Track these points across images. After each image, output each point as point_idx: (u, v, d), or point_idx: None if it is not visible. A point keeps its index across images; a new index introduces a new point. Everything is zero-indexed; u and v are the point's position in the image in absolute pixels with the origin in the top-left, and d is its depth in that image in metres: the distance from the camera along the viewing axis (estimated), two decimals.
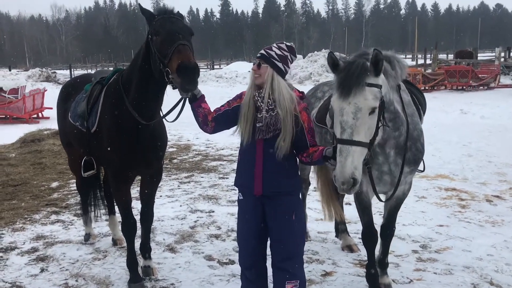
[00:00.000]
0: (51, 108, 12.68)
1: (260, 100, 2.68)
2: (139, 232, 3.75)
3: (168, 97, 3.33)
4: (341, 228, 4.31)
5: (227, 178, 6.70)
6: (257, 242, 2.81)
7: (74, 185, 5.27)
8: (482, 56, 34.51)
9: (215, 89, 23.07)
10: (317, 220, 4.94)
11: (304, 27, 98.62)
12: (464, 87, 18.45)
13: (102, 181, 4.51)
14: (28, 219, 5.15)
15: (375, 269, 3.34)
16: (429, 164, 6.79)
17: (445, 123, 11.34)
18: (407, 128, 2.94)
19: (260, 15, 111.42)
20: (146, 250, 3.76)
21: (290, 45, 2.78)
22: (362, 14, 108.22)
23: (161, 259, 4.03)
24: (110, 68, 4.30)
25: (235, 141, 8.44)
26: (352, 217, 4.71)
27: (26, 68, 46.51)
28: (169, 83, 2.85)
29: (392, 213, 3.37)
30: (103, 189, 4.53)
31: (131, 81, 3.28)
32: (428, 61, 28.69)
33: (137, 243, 3.76)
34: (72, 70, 37.40)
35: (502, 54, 24.29)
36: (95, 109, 3.53)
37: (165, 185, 6.35)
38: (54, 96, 5.19)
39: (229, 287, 3.53)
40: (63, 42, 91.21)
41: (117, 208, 3.96)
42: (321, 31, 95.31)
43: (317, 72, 23.98)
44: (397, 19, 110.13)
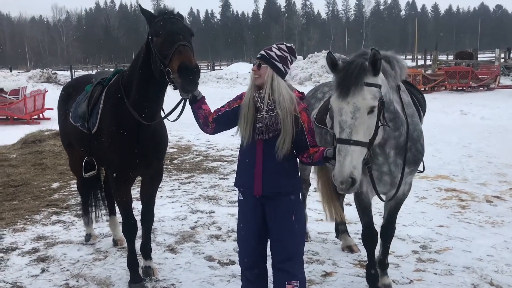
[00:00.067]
0: (51, 109, 12.70)
1: (260, 100, 2.69)
2: (139, 232, 3.75)
3: (169, 98, 3.34)
4: (341, 229, 4.31)
5: (227, 178, 6.71)
6: (257, 242, 2.81)
7: (75, 186, 5.28)
8: (482, 57, 34.49)
9: (216, 90, 23.09)
10: (317, 221, 4.95)
11: (304, 28, 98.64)
12: (464, 88, 18.45)
13: (102, 182, 4.52)
14: (29, 219, 5.16)
15: (375, 270, 3.34)
16: (429, 165, 6.80)
17: (445, 124, 11.34)
18: (407, 128, 2.94)
19: (261, 16, 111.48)
20: (146, 251, 3.77)
21: (290, 46, 2.78)
22: (362, 15, 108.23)
23: (161, 260, 4.04)
24: (111, 69, 4.31)
25: (235, 141, 8.45)
26: (352, 218, 4.71)
27: (27, 69, 46.55)
28: (170, 83, 2.85)
29: (392, 213, 3.37)
30: (103, 190, 4.53)
31: (132, 82, 3.29)
32: (428, 62, 28.69)
33: (138, 243, 3.77)
34: (73, 71, 37.42)
35: (502, 55, 24.29)
36: (95, 110, 3.54)
37: (165, 185, 6.35)
38: (55, 97, 5.21)
39: (230, 287, 3.54)
40: (64, 43, 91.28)
41: (117, 208, 3.97)
42: (321, 32, 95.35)
43: (317, 73, 23.99)
44: (397, 20, 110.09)
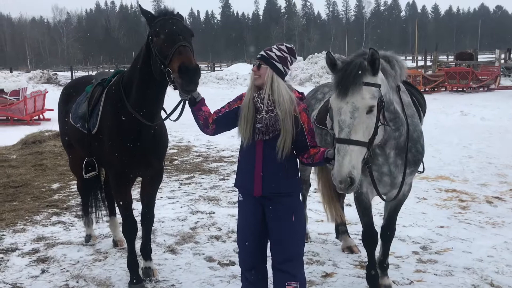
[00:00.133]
0: (52, 110, 12.71)
1: (260, 101, 2.69)
2: (139, 233, 3.76)
3: (169, 98, 3.34)
4: (341, 230, 4.31)
5: (227, 179, 6.71)
6: (257, 243, 2.81)
7: (75, 187, 5.28)
8: (482, 57, 34.48)
9: (216, 91, 23.10)
10: (318, 222, 4.95)
11: (305, 29, 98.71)
12: (464, 89, 18.45)
13: (103, 183, 4.52)
14: (29, 220, 5.16)
15: (376, 270, 3.34)
16: (430, 166, 6.80)
17: (446, 124, 11.34)
18: (407, 129, 2.94)
19: (261, 17, 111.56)
20: (146, 251, 3.77)
21: (290, 46, 2.78)
22: (362, 16, 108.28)
23: (161, 260, 4.04)
24: (111, 70, 4.31)
25: (235, 142, 8.45)
26: (352, 219, 4.71)
27: (27, 70, 46.57)
28: (171, 82, 2.84)
29: (392, 214, 3.37)
30: (104, 191, 4.53)
31: (132, 83, 3.29)
32: (428, 63, 28.69)
33: (138, 244, 3.77)
34: (73, 72, 37.42)
35: (502, 56, 24.30)
36: (96, 111, 3.54)
37: (165, 186, 6.35)
38: (55, 97, 5.21)
39: None
40: (64, 44, 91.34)
41: (117, 209, 3.97)
42: (321, 33, 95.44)
43: (318, 74, 23.99)
44: (398, 21, 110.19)
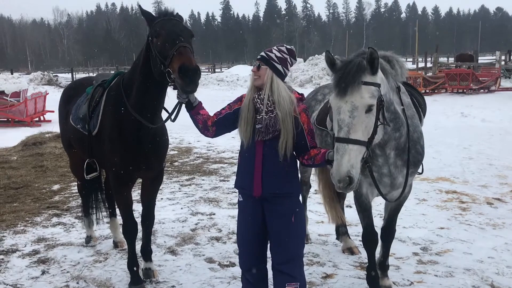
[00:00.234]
0: (52, 111, 12.73)
1: (260, 101, 2.69)
2: (140, 234, 3.76)
3: (169, 99, 3.34)
4: (341, 231, 4.31)
5: (228, 180, 6.71)
6: (257, 244, 2.81)
7: (76, 188, 5.28)
8: (483, 59, 34.50)
9: (217, 92, 23.13)
10: (318, 223, 4.95)
11: (305, 30, 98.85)
12: (464, 90, 18.45)
13: (103, 184, 4.52)
14: (30, 221, 5.16)
15: (376, 271, 3.34)
16: (430, 167, 6.81)
17: (446, 126, 11.35)
18: (407, 130, 2.95)
19: (261, 19, 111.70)
20: (147, 253, 3.77)
21: (291, 48, 2.78)
22: (363, 17, 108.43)
23: (162, 262, 4.04)
24: (112, 72, 4.33)
25: (236, 143, 8.45)
26: (352, 220, 4.71)
27: (28, 72, 46.72)
28: (171, 82, 2.84)
29: (392, 215, 3.37)
30: (104, 192, 4.54)
31: (132, 84, 3.29)
32: (429, 65, 28.69)
33: (138, 245, 3.77)
34: (74, 73, 37.46)
35: (503, 57, 24.32)
36: (96, 112, 3.54)
37: (166, 187, 6.36)
38: (56, 99, 5.23)
39: None
40: (65, 46, 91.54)
41: (118, 210, 3.97)
42: (322, 35, 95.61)
43: (318, 76, 24.01)
44: (398, 22, 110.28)
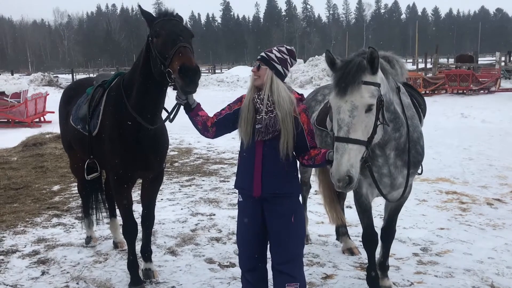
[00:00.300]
0: (53, 112, 12.73)
1: (259, 102, 2.69)
2: (140, 235, 3.76)
3: (169, 99, 3.35)
4: (341, 231, 4.31)
5: (228, 181, 6.71)
6: (257, 244, 2.81)
7: (76, 189, 5.28)
8: (483, 60, 34.50)
9: (217, 93, 23.15)
10: (318, 223, 4.95)
11: (305, 31, 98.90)
12: (464, 91, 18.46)
13: (103, 184, 4.53)
14: (30, 222, 5.16)
15: (376, 272, 3.34)
16: (430, 168, 6.81)
17: (446, 126, 11.35)
18: (407, 130, 2.95)
19: (261, 20, 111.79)
20: (147, 253, 3.77)
21: (291, 48, 2.78)
22: (363, 18, 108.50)
23: (162, 262, 4.04)
24: (112, 72, 4.33)
25: (236, 144, 8.45)
26: (352, 220, 4.71)
27: (28, 73, 46.76)
28: (171, 82, 2.84)
29: (392, 215, 3.37)
30: (104, 192, 4.54)
31: (133, 84, 3.29)
32: (429, 65, 28.69)
33: (138, 246, 3.77)
34: (74, 74, 37.47)
35: (503, 58, 24.32)
36: (96, 113, 3.55)
37: (166, 188, 6.36)
38: (56, 100, 5.23)
39: None
40: (65, 47, 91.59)
41: (118, 211, 3.97)
42: (322, 36, 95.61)
43: (318, 76, 24.02)
44: (398, 23, 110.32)
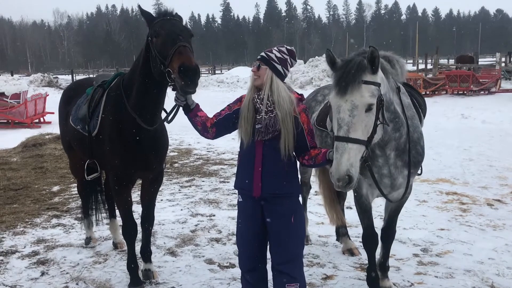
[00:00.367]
0: (52, 113, 12.73)
1: (259, 101, 2.69)
2: (139, 235, 3.75)
3: (169, 99, 3.34)
4: (342, 232, 4.30)
5: (228, 182, 6.70)
6: (256, 244, 2.80)
7: (75, 189, 5.27)
8: (483, 61, 34.53)
9: (217, 94, 23.16)
10: (318, 224, 4.94)
11: (305, 32, 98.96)
12: (465, 92, 18.46)
13: (103, 185, 4.52)
14: (29, 222, 5.15)
15: (376, 272, 3.33)
16: (430, 168, 6.81)
17: (446, 127, 11.35)
18: (407, 130, 2.94)
19: (261, 21, 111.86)
20: (146, 254, 3.76)
21: (291, 49, 2.78)
22: (363, 19, 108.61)
23: (161, 263, 4.03)
24: (112, 73, 4.31)
25: (236, 145, 8.43)
26: (353, 221, 4.70)
27: (28, 73, 46.81)
28: (171, 82, 2.83)
29: (392, 216, 3.37)
30: (104, 193, 4.53)
31: (132, 84, 3.29)
32: (429, 66, 28.71)
33: (138, 246, 3.77)
34: (74, 75, 37.48)
35: (503, 59, 24.33)
36: (96, 113, 3.54)
37: (166, 189, 6.35)
38: (56, 101, 5.22)
39: None
40: (65, 48, 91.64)
41: (117, 211, 3.97)
42: (322, 37, 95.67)
43: (318, 77, 24.03)
44: (398, 24, 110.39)
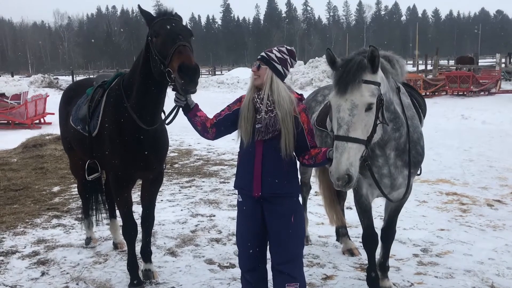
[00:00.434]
0: (53, 114, 12.73)
1: (259, 101, 2.69)
2: (139, 236, 3.75)
3: (169, 99, 3.34)
4: (342, 232, 4.31)
5: (228, 182, 6.70)
6: (256, 244, 2.80)
7: (76, 190, 5.28)
8: (483, 62, 34.55)
9: (217, 95, 23.17)
10: (318, 224, 4.94)
11: (305, 33, 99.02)
12: (465, 93, 18.47)
13: (103, 185, 4.52)
14: (29, 223, 5.16)
15: (376, 273, 3.33)
16: (430, 169, 6.81)
17: (446, 128, 11.35)
18: (407, 130, 2.95)
19: (262, 22, 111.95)
20: (146, 254, 3.76)
21: (291, 49, 2.78)
22: (363, 20, 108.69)
23: (161, 263, 4.03)
24: (112, 73, 4.31)
25: (236, 146, 8.41)
26: (353, 221, 4.70)
27: (28, 74, 46.81)
28: (171, 82, 2.83)
29: (392, 216, 3.37)
30: (104, 193, 4.53)
31: (132, 85, 3.29)
32: (429, 67, 28.73)
33: (138, 247, 3.77)
34: (74, 76, 37.49)
35: (503, 60, 24.34)
36: (96, 113, 3.55)
37: (166, 189, 6.36)
38: (56, 101, 5.23)
39: None
40: (65, 48, 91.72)
41: (118, 212, 3.97)
42: (322, 38, 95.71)
43: (318, 78, 24.04)
44: (398, 25, 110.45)
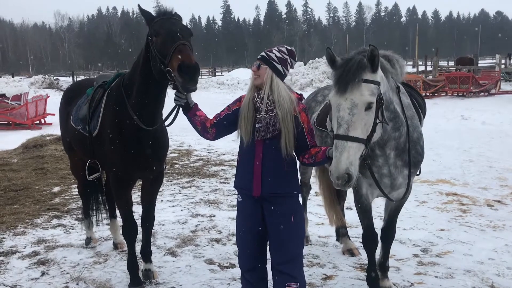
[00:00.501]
0: (53, 114, 12.75)
1: (259, 101, 2.70)
2: (140, 236, 3.76)
3: (169, 99, 3.35)
4: (342, 232, 4.31)
5: (228, 183, 6.71)
6: (256, 244, 2.81)
7: (76, 190, 5.28)
8: (483, 62, 34.58)
9: (217, 96, 23.18)
10: (318, 225, 4.94)
11: (305, 34, 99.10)
12: (465, 93, 18.48)
13: (103, 185, 4.53)
14: (30, 223, 5.16)
15: (376, 273, 3.33)
16: (430, 169, 6.81)
17: (446, 129, 11.36)
18: (407, 130, 2.95)
19: (262, 23, 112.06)
20: (147, 254, 3.77)
21: (291, 49, 2.79)
22: (363, 21, 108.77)
23: (161, 263, 4.04)
24: (112, 74, 4.31)
25: (236, 146, 8.40)
26: (352, 222, 4.71)
27: (29, 75, 46.88)
28: (171, 81, 2.84)
29: (392, 216, 3.37)
30: (104, 193, 4.54)
31: (133, 85, 3.30)
32: (429, 68, 28.75)
33: (138, 247, 3.77)
34: (75, 77, 37.54)
35: (503, 61, 24.37)
36: (97, 113, 3.55)
37: (166, 190, 6.36)
38: (57, 102, 5.24)
39: None
40: (66, 50, 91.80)
41: (118, 212, 3.97)
42: (322, 39, 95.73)
43: (318, 79, 24.05)
44: (398, 26, 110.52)
